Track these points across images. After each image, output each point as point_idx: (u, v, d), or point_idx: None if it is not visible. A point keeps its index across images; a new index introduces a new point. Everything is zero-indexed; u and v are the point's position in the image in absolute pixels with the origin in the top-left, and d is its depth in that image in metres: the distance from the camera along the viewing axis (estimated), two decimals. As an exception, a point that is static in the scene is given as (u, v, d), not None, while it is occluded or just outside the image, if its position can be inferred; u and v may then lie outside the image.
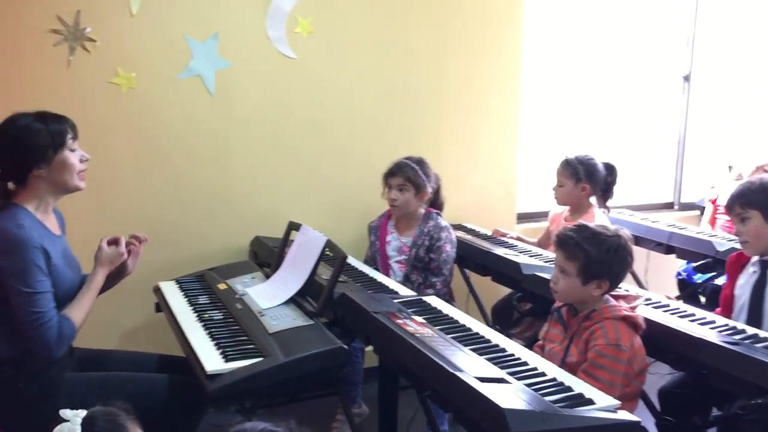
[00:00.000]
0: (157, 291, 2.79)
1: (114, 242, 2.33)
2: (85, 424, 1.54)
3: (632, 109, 4.62)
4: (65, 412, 1.55)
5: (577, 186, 3.33)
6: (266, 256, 3.07)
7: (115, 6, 2.99)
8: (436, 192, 3.27)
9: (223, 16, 3.18)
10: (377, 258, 3.23)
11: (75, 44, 2.94)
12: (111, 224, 3.11)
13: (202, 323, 2.37)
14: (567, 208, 3.48)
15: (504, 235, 3.53)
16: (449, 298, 3.16)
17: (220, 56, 3.20)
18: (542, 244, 3.52)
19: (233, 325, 2.34)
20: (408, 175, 3.09)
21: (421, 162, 3.15)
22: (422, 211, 3.19)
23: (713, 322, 2.33)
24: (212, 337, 2.23)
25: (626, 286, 2.44)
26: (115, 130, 3.07)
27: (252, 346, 2.14)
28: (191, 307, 2.55)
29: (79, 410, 1.56)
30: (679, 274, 3.94)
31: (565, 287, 2.20)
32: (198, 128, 3.23)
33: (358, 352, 3.12)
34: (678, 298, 3.23)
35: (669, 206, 4.82)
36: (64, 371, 2.15)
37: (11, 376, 2.06)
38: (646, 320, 2.21)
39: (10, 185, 2.13)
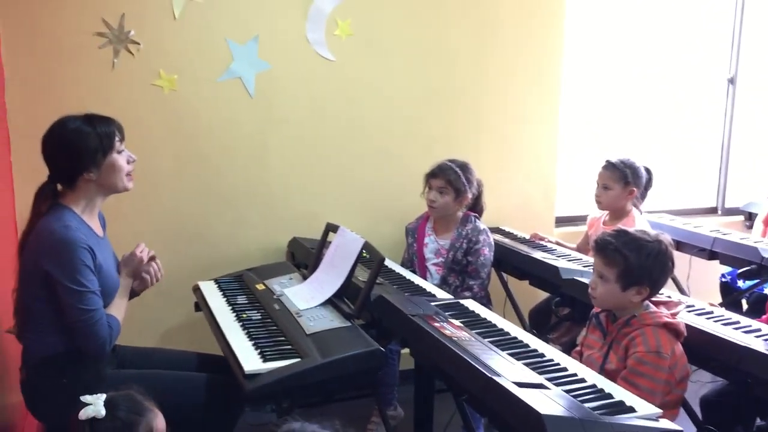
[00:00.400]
0: (197, 291, 2.83)
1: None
2: (107, 405, 1.58)
3: (674, 112, 4.53)
4: (86, 398, 1.60)
5: (625, 189, 3.30)
6: (303, 257, 3.09)
7: (159, 9, 3.04)
8: (477, 197, 3.25)
9: (264, 19, 3.21)
10: (414, 260, 3.22)
11: (119, 47, 3.00)
12: (152, 224, 3.17)
13: (241, 323, 2.39)
14: (606, 212, 3.44)
15: (542, 239, 3.49)
16: (486, 302, 3.13)
17: (260, 58, 3.23)
18: (581, 249, 3.48)
19: (271, 326, 2.36)
20: (449, 178, 3.07)
21: (464, 166, 3.13)
22: (461, 214, 3.17)
23: (759, 330, 2.28)
24: (250, 337, 2.25)
25: (668, 292, 2.40)
26: (157, 131, 3.13)
27: (289, 347, 2.16)
28: (230, 307, 2.57)
29: (99, 394, 1.60)
30: (723, 276, 3.86)
31: (603, 293, 2.17)
32: (237, 129, 3.27)
33: (394, 354, 3.11)
34: (720, 305, 3.17)
35: (712, 211, 4.72)
36: (107, 368, 2.19)
37: (56, 373, 2.10)
38: (689, 327, 2.17)
39: (59, 187, 2.17)
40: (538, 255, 3.12)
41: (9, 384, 2.39)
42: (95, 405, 1.61)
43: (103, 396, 1.63)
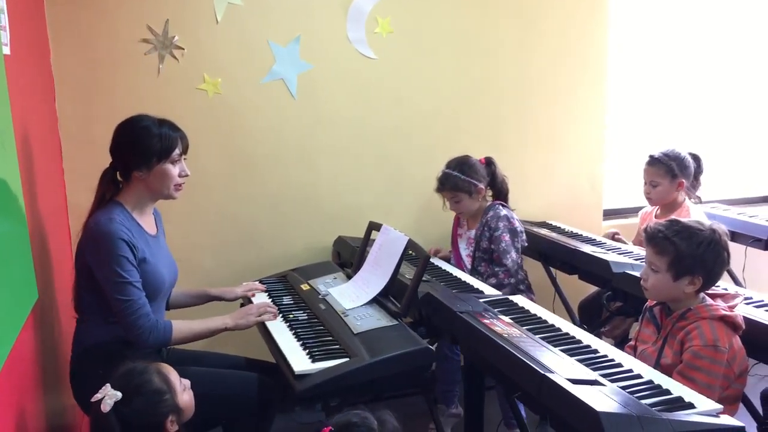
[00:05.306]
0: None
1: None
2: (118, 386, 1.66)
3: (726, 99, 4.41)
4: (96, 396, 1.66)
5: (674, 182, 3.23)
6: (349, 256, 3.09)
7: (201, 14, 3.07)
8: (493, 178, 3.12)
9: (305, 19, 3.22)
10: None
11: (164, 53, 3.04)
12: (199, 225, 3.22)
13: (288, 324, 2.40)
14: (657, 205, 3.37)
15: (614, 236, 3.41)
16: (526, 290, 3.04)
17: (302, 59, 3.24)
18: (636, 245, 3.40)
19: (318, 326, 2.37)
20: (454, 185, 3.02)
21: (461, 163, 3.05)
22: (487, 203, 3.12)
23: (821, 321, 2.20)
24: (298, 337, 2.26)
25: (723, 284, 2.33)
26: (203, 135, 3.15)
27: (337, 347, 2.16)
28: (276, 308, 2.58)
29: (103, 387, 1.66)
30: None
31: (655, 283, 2.11)
32: (281, 130, 3.29)
33: (456, 350, 3.07)
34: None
35: (767, 200, 4.59)
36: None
37: (95, 362, 2.09)
38: (747, 319, 2.10)
39: (119, 177, 2.24)
40: (587, 249, 3.06)
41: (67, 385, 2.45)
42: (107, 394, 1.65)
43: (107, 385, 1.68)
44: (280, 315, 2.49)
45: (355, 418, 1.47)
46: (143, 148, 2.16)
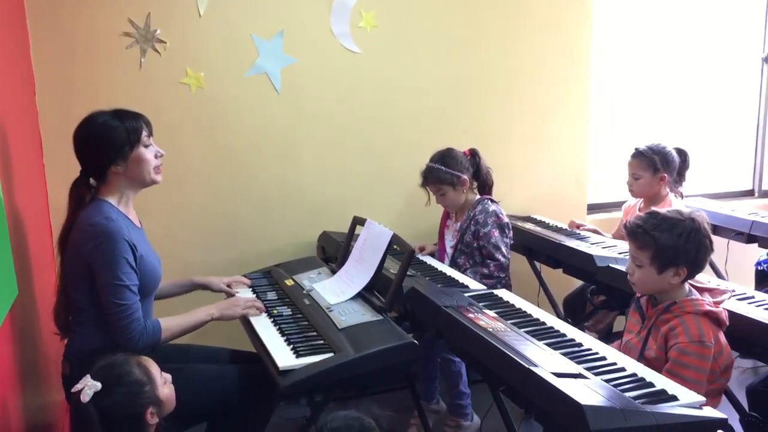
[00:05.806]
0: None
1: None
2: (97, 377, 1.66)
3: (708, 94, 4.44)
4: (76, 387, 1.66)
5: (656, 176, 3.25)
6: (334, 251, 3.08)
7: (183, 7, 3.04)
8: (477, 169, 3.10)
9: (288, 13, 3.20)
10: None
11: (146, 46, 3.01)
12: (182, 221, 3.19)
13: (272, 319, 2.39)
14: (641, 199, 3.39)
15: (579, 227, 3.43)
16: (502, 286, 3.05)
17: (285, 53, 3.22)
18: (617, 238, 3.42)
19: (302, 321, 2.36)
20: (438, 178, 3.02)
21: (444, 156, 3.04)
22: (475, 197, 3.11)
23: (803, 314, 2.21)
24: (282, 333, 2.25)
25: (708, 277, 2.34)
26: (185, 129, 3.13)
27: (322, 342, 2.15)
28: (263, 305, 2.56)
29: (83, 378, 1.66)
30: (759, 264, 3.77)
31: (641, 278, 2.11)
32: (265, 125, 3.27)
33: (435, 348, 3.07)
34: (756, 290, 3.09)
35: (749, 194, 4.62)
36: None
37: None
38: (731, 313, 2.11)
39: (92, 181, 2.19)
40: (571, 243, 3.07)
41: (51, 383, 2.43)
42: (87, 385, 1.65)
43: (87, 376, 1.67)
44: (265, 311, 2.48)
45: (352, 422, 1.41)
46: (111, 142, 2.11)
